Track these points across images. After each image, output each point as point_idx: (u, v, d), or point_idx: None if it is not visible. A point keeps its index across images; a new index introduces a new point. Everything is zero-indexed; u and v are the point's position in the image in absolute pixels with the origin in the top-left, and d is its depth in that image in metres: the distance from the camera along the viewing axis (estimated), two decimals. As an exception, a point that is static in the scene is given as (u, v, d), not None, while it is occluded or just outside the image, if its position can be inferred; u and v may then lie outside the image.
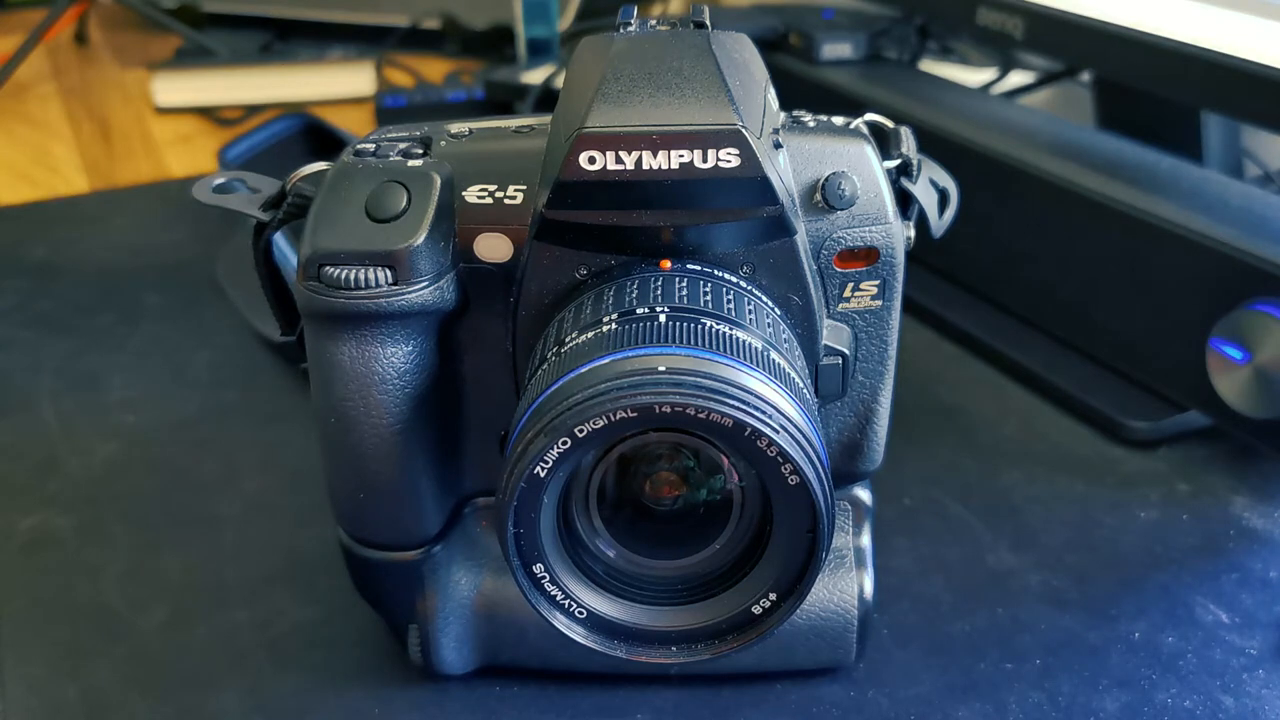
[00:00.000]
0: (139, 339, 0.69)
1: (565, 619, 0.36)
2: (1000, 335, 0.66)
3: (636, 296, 0.36)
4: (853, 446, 0.44)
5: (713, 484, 0.38)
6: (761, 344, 0.35)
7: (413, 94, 1.03)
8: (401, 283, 0.37)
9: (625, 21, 0.40)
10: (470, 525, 0.44)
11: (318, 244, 0.37)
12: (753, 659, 0.43)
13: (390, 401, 0.39)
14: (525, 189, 0.38)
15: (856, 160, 0.39)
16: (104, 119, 1.08)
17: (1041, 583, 0.49)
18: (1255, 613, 0.47)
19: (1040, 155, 0.64)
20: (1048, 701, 0.43)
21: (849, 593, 0.42)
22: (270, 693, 0.45)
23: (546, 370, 0.35)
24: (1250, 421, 0.52)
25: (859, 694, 0.44)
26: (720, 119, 0.35)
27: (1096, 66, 0.73)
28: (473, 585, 0.43)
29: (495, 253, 0.39)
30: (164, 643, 0.47)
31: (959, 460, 0.58)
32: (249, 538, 0.53)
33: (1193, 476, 0.56)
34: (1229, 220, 0.55)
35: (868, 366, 0.42)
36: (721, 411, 0.32)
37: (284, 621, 0.48)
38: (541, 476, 0.33)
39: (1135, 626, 0.47)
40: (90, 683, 0.45)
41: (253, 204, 0.42)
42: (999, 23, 0.70)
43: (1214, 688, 0.43)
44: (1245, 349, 0.51)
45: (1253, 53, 0.55)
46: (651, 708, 0.43)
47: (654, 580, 0.37)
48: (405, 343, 0.39)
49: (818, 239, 0.39)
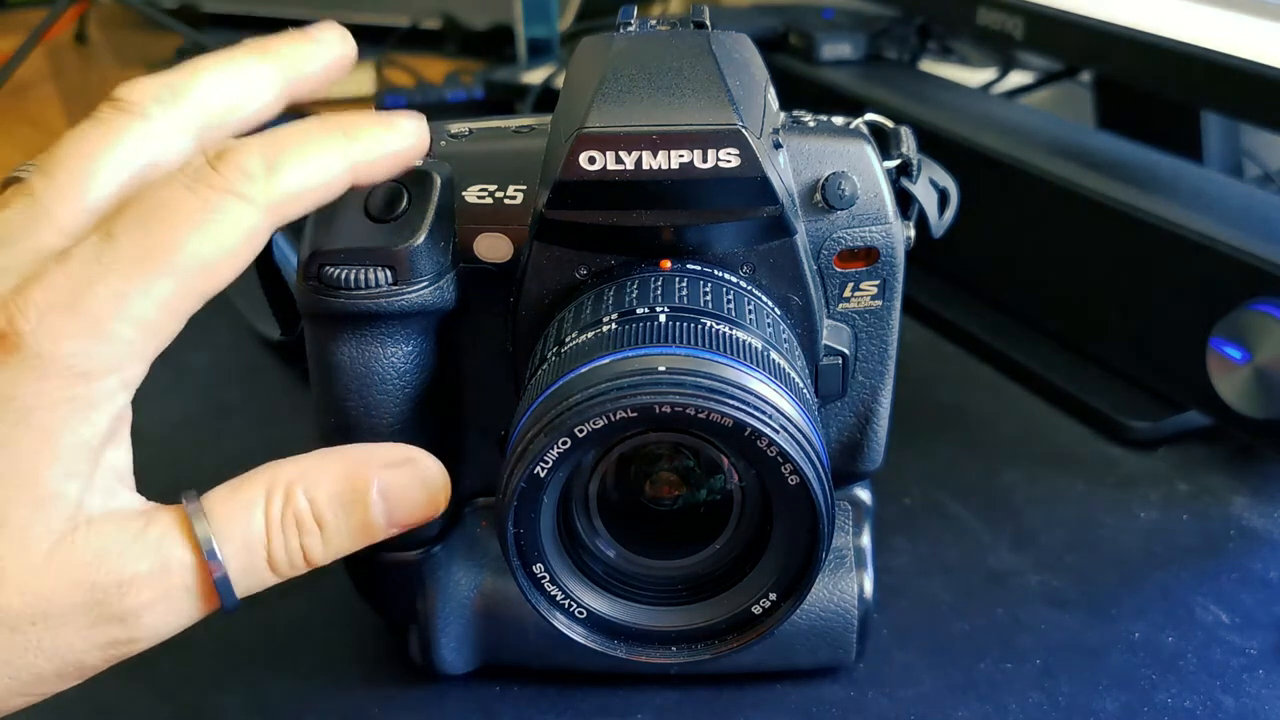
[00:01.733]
0: (139, 339, 0.69)
1: (565, 619, 0.36)
2: (1000, 335, 0.66)
3: (636, 296, 0.36)
4: (853, 446, 0.44)
5: (713, 484, 0.38)
6: (761, 344, 0.35)
7: (413, 94, 1.03)
8: (401, 283, 0.37)
9: (625, 21, 0.40)
10: (470, 525, 0.44)
11: (318, 244, 0.37)
12: (753, 659, 0.43)
13: (390, 401, 0.39)
14: (525, 189, 0.38)
15: (856, 160, 0.39)
16: (104, 119, 1.08)
17: (1041, 583, 0.49)
18: (1255, 613, 0.47)
19: (1040, 155, 0.64)
20: (1048, 701, 0.43)
21: (849, 593, 0.42)
22: (270, 693, 0.45)
23: (546, 370, 0.35)
24: (1250, 421, 0.52)
25: (859, 694, 0.44)
26: (720, 119, 0.35)
27: (1096, 66, 0.73)
28: (473, 585, 0.43)
29: (495, 253, 0.39)
30: (164, 643, 0.47)
31: (959, 460, 0.58)
32: (249, 538, 0.53)
33: (1193, 476, 0.56)
34: (1229, 220, 0.54)
35: (868, 366, 0.42)
36: (721, 411, 0.32)
37: (284, 621, 0.48)
38: (541, 476, 0.33)
39: (1135, 626, 0.47)
40: (90, 683, 0.45)
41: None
42: (999, 23, 0.70)
43: (1214, 688, 0.43)
44: (1245, 349, 0.51)
45: (1253, 53, 0.55)
46: (651, 708, 0.43)
47: (654, 580, 0.37)
48: (405, 343, 0.39)
49: (818, 239, 0.39)
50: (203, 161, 0.30)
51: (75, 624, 0.29)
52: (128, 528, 0.29)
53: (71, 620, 0.29)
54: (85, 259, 0.28)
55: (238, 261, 0.30)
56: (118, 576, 0.29)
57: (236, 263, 0.30)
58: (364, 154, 0.33)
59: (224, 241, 0.30)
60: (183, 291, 0.29)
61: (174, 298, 0.29)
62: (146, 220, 0.29)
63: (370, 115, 0.34)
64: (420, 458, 0.34)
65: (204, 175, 0.30)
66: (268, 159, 0.31)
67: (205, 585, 0.30)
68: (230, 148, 0.31)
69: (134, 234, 0.29)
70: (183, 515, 0.30)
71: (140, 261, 0.29)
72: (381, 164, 0.34)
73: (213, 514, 0.30)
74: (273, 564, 0.31)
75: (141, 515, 0.30)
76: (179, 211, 0.29)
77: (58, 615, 0.28)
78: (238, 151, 0.31)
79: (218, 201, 0.30)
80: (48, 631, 0.28)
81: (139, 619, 0.29)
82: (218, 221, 0.29)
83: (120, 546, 0.29)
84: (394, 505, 0.33)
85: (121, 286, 0.28)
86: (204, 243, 0.29)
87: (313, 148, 0.32)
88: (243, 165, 0.30)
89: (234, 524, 0.30)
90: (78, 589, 0.28)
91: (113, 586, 0.29)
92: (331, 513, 0.32)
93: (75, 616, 0.29)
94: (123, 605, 0.29)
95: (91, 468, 0.29)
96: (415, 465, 0.34)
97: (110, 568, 0.29)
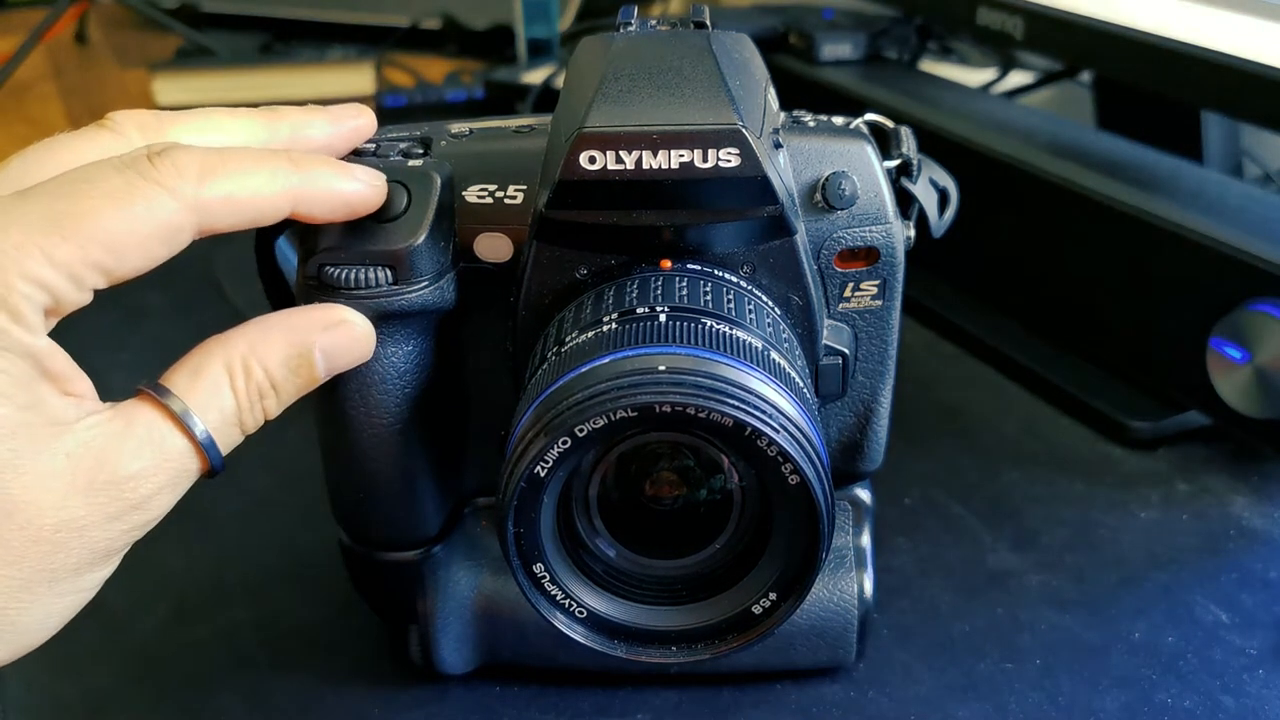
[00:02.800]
0: (139, 339, 0.69)
1: (565, 619, 0.36)
2: (1000, 335, 0.66)
3: (637, 296, 0.36)
4: (853, 446, 0.44)
5: (713, 484, 0.38)
6: (761, 344, 0.35)
7: (413, 94, 1.03)
8: (401, 282, 0.37)
9: (625, 21, 0.40)
10: (470, 525, 0.44)
11: (318, 243, 0.37)
12: (753, 659, 0.43)
13: (390, 401, 0.39)
14: (525, 189, 0.38)
15: (856, 160, 0.39)
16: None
17: (1041, 583, 0.49)
18: (1255, 613, 0.47)
19: (1040, 155, 0.64)
20: (1048, 701, 0.43)
21: (849, 593, 0.42)
22: (270, 693, 0.45)
23: (547, 370, 0.35)
24: (1250, 421, 0.52)
25: (859, 694, 0.44)
26: (720, 119, 0.35)
27: (1096, 66, 0.73)
28: (473, 585, 0.43)
29: (495, 252, 0.39)
30: (164, 643, 0.47)
31: (959, 460, 0.58)
32: (249, 537, 0.53)
33: (1193, 476, 0.56)
34: (1229, 220, 0.55)
35: (868, 366, 0.42)
36: (721, 411, 0.32)
37: (284, 621, 0.48)
38: (541, 476, 0.33)
39: (1135, 626, 0.47)
40: (90, 683, 0.45)
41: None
42: (999, 23, 0.70)
43: (1214, 688, 0.43)
44: (1245, 349, 0.51)
45: (1253, 53, 0.55)
46: (651, 708, 0.43)
47: (654, 580, 0.37)
48: (405, 342, 0.39)
49: (818, 239, 0.39)
50: (142, 153, 0.32)
51: (98, 523, 0.31)
52: (110, 427, 0.31)
53: (94, 522, 0.31)
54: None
55: (147, 250, 0.31)
56: (124, 471, 0.31)
57: (146, 251, 0.31)
58: (306, 186, 0.34)
59: (135, 224, 0.30)
60: (83, 259, 0.30)
61: (73, 263, 0.30)
62: (66, 188, 0.30)
63: (326, 159, 0.36)
64: (351, 317, 0.37)
65: (137, 162, 0.31)
66: (205, 164, 0.32)
67: (200, 459, 0.33)
68: (171, 147, 0.32)
69: (48, 197, 0.30)
70: (160, 405, 0.32)
71: (45, 219, 0.29)
72: (325, 203, 0.35)
73: (187, 398, 0.33)
74: (243, 427, 0.34)
75: (114, 413, 0.32)
76: (101, 187, 0.30)
77: (80, 520, 0.30)
78: (177, 150, 0.32)
79: (143, 188, 0.31)
80: (75, 535, 0.30)
81: (150, 502, 0.32)
82: (136, 204, 0.30)
83: (115, 444, 0.31)
84: (333, 361, 0.36)
85: (20, 239, 0.29)
86: (115, 219, 0.30)
87: (252, 165, 0.33)
88: (177, 162, 0.32)
89: (209, 404, 0.33)
90: (91, 490, 0.30)
91: (124, 483, 0.31)
92: (283, 376, 0.35)
93: (96, 517, 0.31)
94: (136, 495, 0.31)
95: (30, 393, 0.30)
96: (348, 325, 0.37)
97: (113, 465, 0.31)
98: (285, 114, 0.37)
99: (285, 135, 0.37)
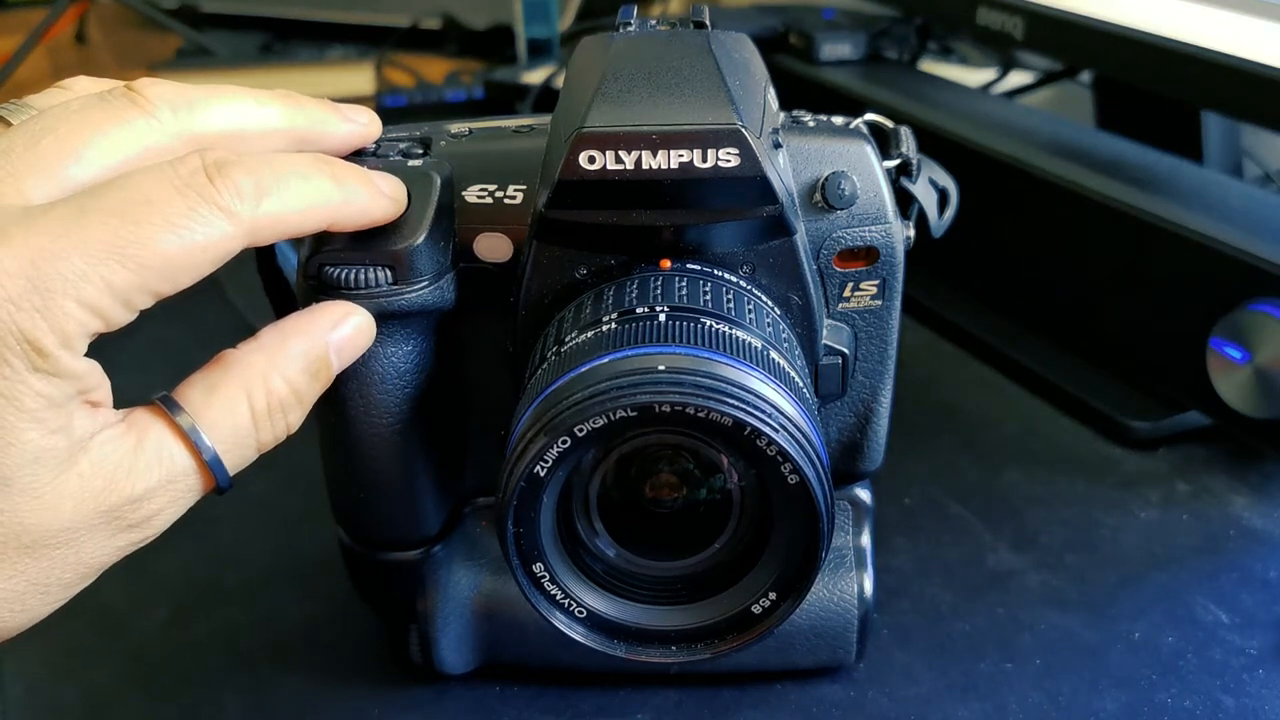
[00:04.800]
0: (139, 339, 0.69)
1: (565, 619, 0.36)
2: (1000, 335, 0.66)
3: (636, 296, 0.36)
4: (853, 446, 0.44)
5: (712, 484, 0.38)
6: (761, 343, 0.35)
7: (413, 94, 1.03)
8: (401, 282, 0.37)
9: (625, 21, 0.40)
10: (470, 525, 0.44)
11: (318, 243, 0.37)
12: (753, 659, 0.43)
13: (390, 401, 0.39)
14: (525, 189, 0.38)
15: (856, 160, 0.39)
16: (104, 119, 1.08)
17: (1041, 583, 0.49)
18: (1255, 613, 0.47)
19: (1040, 155, 0.64)
20: (1048, 701, 0.43)
21: (849, 593, 0.42)
22: (270, 693, 0.45)
23: (546, 370, 0.35)
24: (1250, 421, 0.52)
25: (859, 694, 0.44)
26: (720, 119, 0.35)
27: (1096, 66, 0.73)
28: (473, 585, 0.43)
29: (495, 252, 0.39)
30: (164, 643, 0.47)
31: (959, 460, 0.58)
32: (249, 537, 0.53)
33: (1193, 476, 0.56)
34: (1229, 220, 0.55)
35: (868, 366, 0.42)
36: (721, 411, 0.32)
37: (284, 621, 0.48)
38: (541, 476, 0.33)
39: (1135, 626, 0.47)
40: (90, 683, 0.45)
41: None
42: (999, 23, 0.70)
43: (1214, 688, 0.43)
44: (1245, 349, 0.51)
45: (1253, 53, 0.55)
46: (651, 708, 0.43)
47: (654, 580, 0.37)
48: (405, 342, 0.39)
49: (818, 239, 0.39)
50: (199, 166, 0.31)
51: (97, 540, 0.31)
52: (123, 443, 0.31)
53: (93, 539, 0.31)
54: (53, 231, 0.28)
55: (199, 272, 0.31)
56: (130, 493, 0.31)
57: (197, 273, 0.31)
58: (345, 205, 0.35)
59: (195, 251, 0.30)
60: (139, 285, 0.29)
61: (130, 290, 0.29)
62: (126, 208, 0.29)
63: (360, 173, 0.36)
64: (354, 311, 0.36)
65: (195, 180, 0.30)
66: (260, 185, 0.32)
67: (205, 479, 0.32)
68: (230, 162, 0.31)
69: (109, 218, 0.29)
70: (171, 422, 0.32)
71: (107, 246, 0.29)
72: (356, 221, 0.36)
73: (199, 417, 0.32)
74: (259, 445, 0.34)
75: (126, 426, 0.31)
76: (162, 210, 0.30)
77: (81, 539, 0.30)
78: (235, 168, 0.31)
79: (204, 213, 0.30)
80: (73, 551, 0.30)
81: (152, 521, 0.32)
82: (196, 230, 0.30)
83: (125, 463, 0.31)
84: (343, 357, 0.36)
85: (81, 266, 0.28)
86: (176, 246, 0.30)
87: (300, 184, 0.33)
88: (237, 183, 0.31)
89: (221, 422, 0.32)
90: (97, 514, 0.30)
91: (127, 504, 0.31)
92: (305, 384, 0.35)
93: (97, 535, 0.31)
94: (138, 515, 0.31)
95: (64, 416, 0.30)
96: (354, 319, 0.36)
97: (121, 487, 0.31)
98: (305, 105, 0.37)
99: (303, 125, 0.36)
